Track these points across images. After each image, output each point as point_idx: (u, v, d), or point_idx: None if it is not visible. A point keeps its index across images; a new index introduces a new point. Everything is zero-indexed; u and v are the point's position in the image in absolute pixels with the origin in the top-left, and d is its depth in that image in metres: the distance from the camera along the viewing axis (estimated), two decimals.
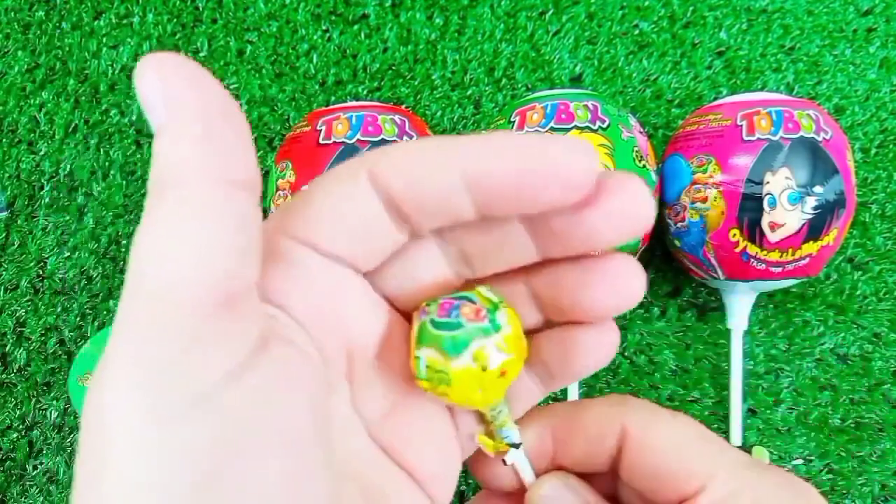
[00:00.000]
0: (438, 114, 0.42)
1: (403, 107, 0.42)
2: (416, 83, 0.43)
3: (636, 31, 0.43)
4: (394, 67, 0.43)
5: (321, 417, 0.15)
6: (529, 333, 0.19)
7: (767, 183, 0.31)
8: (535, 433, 0.21)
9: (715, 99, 0.37)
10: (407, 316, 0.19)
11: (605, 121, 0.32)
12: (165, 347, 0.13)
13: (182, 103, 0.13)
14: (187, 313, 0.13)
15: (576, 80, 0.43)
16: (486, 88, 0.43)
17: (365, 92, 0.43)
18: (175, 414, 0.12)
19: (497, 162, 0.15)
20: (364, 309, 0.18)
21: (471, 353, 0.17)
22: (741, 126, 0.32)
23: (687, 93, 0.42)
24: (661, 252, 0.39)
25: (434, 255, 0.18)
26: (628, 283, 0.17)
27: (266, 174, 0.42)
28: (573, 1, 0.44)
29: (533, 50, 0.43)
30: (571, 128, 0.32)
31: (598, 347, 0.19)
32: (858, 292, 0.39)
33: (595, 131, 0.32)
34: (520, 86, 0.43)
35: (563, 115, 0.32)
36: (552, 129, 0.32)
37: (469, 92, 0.43)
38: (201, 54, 0.44)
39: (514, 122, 0.33)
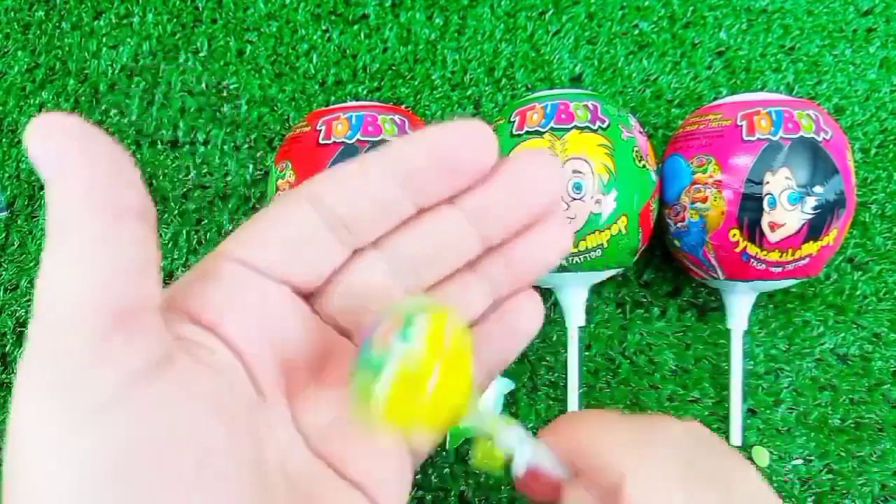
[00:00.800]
0: (438, 114, 0.42)
1: (403, 107, 0.42)
2: (416, 83, 0.43)
3: (636, 31, 0.43)
4: (394, 67, 0.43)
5: (240, 427, 0.16)
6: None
7: (767, 183, 0.31)
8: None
9: (715, 99, 0.37)
10: (349, 335, 0.20)
11: (605, 121, 0.32)
12: (63, 365, 0.14)
13: (63, 154, 0.14)
14: (78, 334, 0.14)
15: (576, 80, 0.43)
16: (486, 88, 0.43)
17: (365, 92, 0.43)
18: (76, 425, 0.14)
19: (426, 154, 0.18)
20: (302, 328, 0.19)
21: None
22: (741, 126, 0.32)
23: (687, 93, 0.42)
24: (661, 252, 0.39)
25: (377, 271, 0.20)
26: (559, 234, 0.21)
27: (266, 174, 0.42)
28: (573, 1, 0.44)
29: (533, 50, 0.43)
30: (571, 128, 0.32)
31: (535, 312, 0.22)
32: (858, 292, 0.39)
33: (595, 131, 0.32)
34: (520, 86, 0.43)
35: (562, 115, 0.32)
36: (552, 129, 0.32)
37: (469, 92, 0.43)
38: (201, 54, 0.44)
39: (513, 121, 0.33)
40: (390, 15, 0.44)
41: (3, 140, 0.43)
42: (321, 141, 0.32)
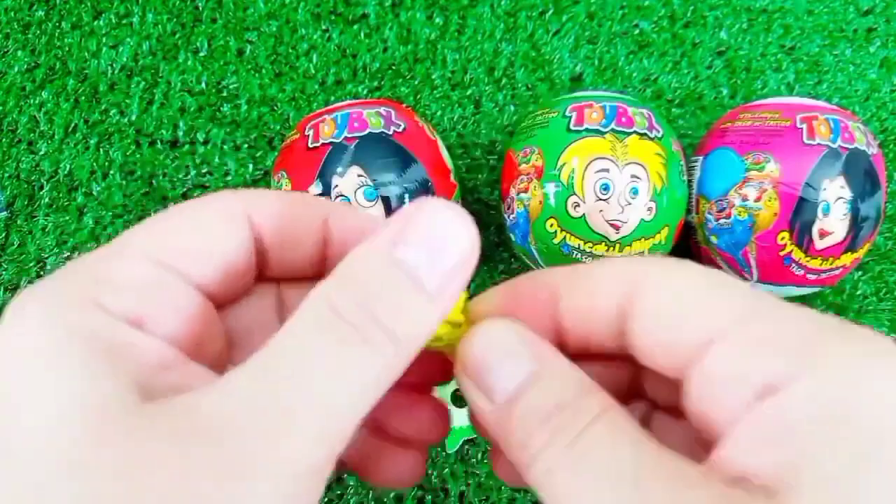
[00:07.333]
0: (438, 113, 0.41)
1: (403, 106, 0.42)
2: (416, 83, 0.42)
3: (636, 31, 0.42)
4: (394, 67, 0.42)
5: None
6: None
7: (825, 189, 0.29)
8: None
9: (735, 98, 0.36)
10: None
11: (659, 131, 0.30)
12: None
13: None
14: None
15: (576, 80, 0.42)
16: (487, 88, 0.42)
17: (365, 92, 0.42)
18: None
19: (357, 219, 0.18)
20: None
21: None
22: (801, 129, 0.30)
23: (687, 93, 0.41)
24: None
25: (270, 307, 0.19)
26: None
27: (266, 174, 0.41)
28: (573, 1, 0.43)
29: (533, 50, 0.42)
30: (632, 132, 0.30)
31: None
32: (858, 292, 0.38)
33: (652, 139, 0.30)
34: (520, 85, 0.42)
35: (623, 119, 0.30)
36: (613, 130, 0.30)
37: (469, 92, 0.42)
38: (201, 54, 0.43)
39: (569, 116, 0.31)
40: (390, 14, 0.43)
41: (4, 140, 0.42)
42: (310, 145, 0.31)
